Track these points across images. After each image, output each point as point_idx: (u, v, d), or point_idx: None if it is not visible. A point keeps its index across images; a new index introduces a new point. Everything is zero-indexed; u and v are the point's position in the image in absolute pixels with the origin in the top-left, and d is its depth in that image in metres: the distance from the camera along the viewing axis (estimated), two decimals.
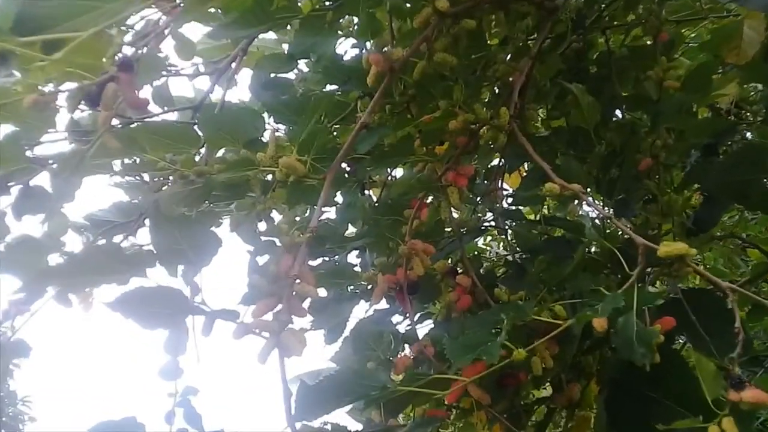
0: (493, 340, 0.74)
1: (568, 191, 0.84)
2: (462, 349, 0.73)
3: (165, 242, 0.74)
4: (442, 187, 1.06)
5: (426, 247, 1.06)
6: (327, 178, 0.82)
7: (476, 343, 0.74)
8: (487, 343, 0.72)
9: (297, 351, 0.72)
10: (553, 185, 0.85)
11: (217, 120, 1.05)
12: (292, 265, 0.77)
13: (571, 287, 0.90)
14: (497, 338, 0.73)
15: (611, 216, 0.86)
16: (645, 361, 0.71)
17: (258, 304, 0.75)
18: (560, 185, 0.85)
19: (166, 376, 1.11)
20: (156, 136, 1.03)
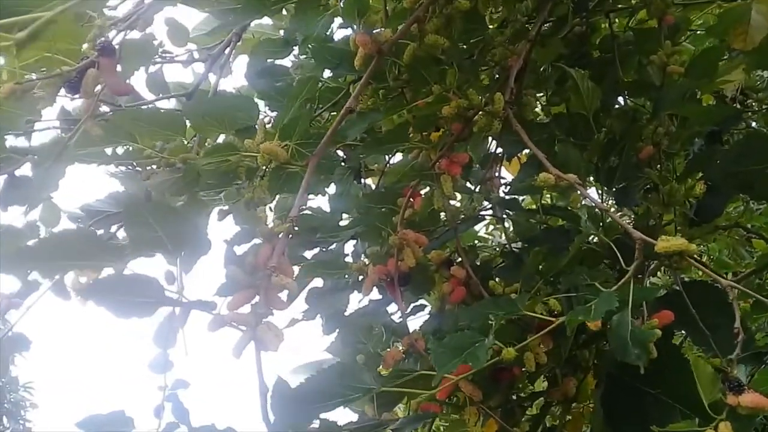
0: (480, 341, 0.70)
1: (563, 181, 0.80)
2: (448, 354, 0.69)
3: (139, 230, 0.71)
4: (435, 175, 1.03)
5: (418, 237, 1.03)
6: (309, 164, 0.79)
7: (463, 345, 0.70)
8: (474, 345, 0.69)
9: (273, 345, 0.69)
10: (548, 175, 0.81)
11: (202, 107, 1.01)
12: (270, 255, 0.73)
13: (566, 281, 0.86)
14: (485, 339, 0.69)
15: (607, 209, 0.82)
16: (639, 363, 0.67)
17: (234, 296, 0.72)
18: (555, 175, 0.81)
19: (156, 369, 1.09)
20: (141, 124, 1.01)
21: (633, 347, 0.68)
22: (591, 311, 0.67)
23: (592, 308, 0.68)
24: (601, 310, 0.67)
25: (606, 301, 0.69)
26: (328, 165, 0.87)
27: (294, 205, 0.75)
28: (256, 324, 0.70)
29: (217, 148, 0.83)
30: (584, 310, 0.69)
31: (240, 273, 0.73)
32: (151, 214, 0.70)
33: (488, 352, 0.66)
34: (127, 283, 0.73)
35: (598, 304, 0.69)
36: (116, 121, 1.01)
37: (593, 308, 0.68)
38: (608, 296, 0.70)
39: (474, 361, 0.66)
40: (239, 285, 0.72)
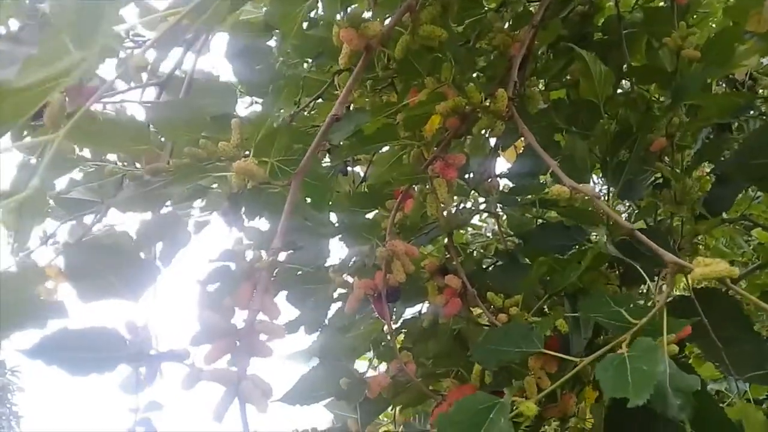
0: (496, 405, 0.59)
1: (579, 194, 0.70)
2: None
3: (84, 274, 0.59)
4: (429, 178, 0.92)
5: (408, 248, 0.92)
6: (293, 183, 0.67)
7: (476, 416, 0.58)
8: (490, 414, 0.58)
9: (260, 405, 0.59)
10: (563, 188, 0.71)
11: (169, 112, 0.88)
12: (251, 295, 0.63)
13: (586, 307, 0.76)
14: (498, 418, 0.58)
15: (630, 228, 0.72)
16: (682, 417, 0.58)
17: (211, 348, 0.61)
18: (570, 187, 0.71)
19: (127, 389, 0.98)
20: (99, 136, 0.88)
21: (674, 397, 0.58)
22: (628, 381, 0.56)
23: (629, 375, 0.57)
24: (646, 380, 0.55)
25: (649, 358, 0.57)
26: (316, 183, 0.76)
27: (277, 233, 0.64)
28: (238, 380, 0.60)
29: (184, 172, 0.71)
30: (619, 379, 0.57)
31: (216, 318, 0.62)
32: (97, 259, 0.58)
33: (510, 427, 0.55)
34: (80, 338, 0.61)
35: (637, 364, 0.57)
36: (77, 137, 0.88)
37: (630, 373, 0.57)
38: (651, 349, 0.58)
39: None
40: (216, 333, 0.62)
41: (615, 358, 0.60)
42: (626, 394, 0.55)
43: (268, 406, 0.59)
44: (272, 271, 0.64)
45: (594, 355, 0.65)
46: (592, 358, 0.64)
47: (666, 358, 0.61)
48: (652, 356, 0.58)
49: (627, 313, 0.69)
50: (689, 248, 1.14)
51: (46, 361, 0.62)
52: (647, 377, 0.55)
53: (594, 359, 0.65)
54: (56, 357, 0.62)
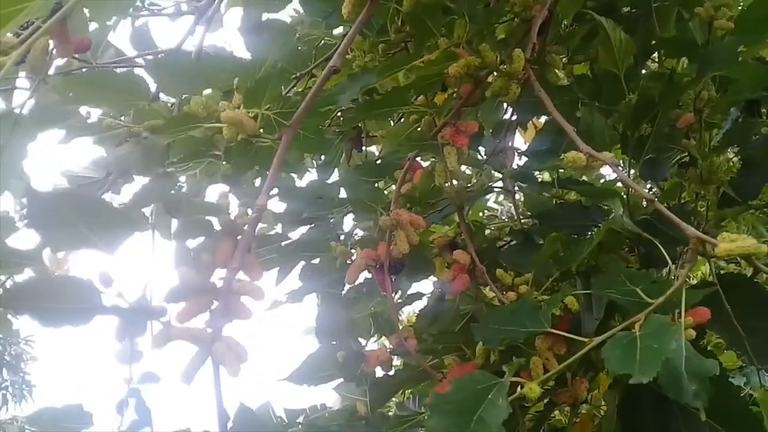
0: (495, 385, 0.54)
1: (596, 162, 0.64)
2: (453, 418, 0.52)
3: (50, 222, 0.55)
4: (438, 145, 0.87)
5: (414, 218, 0.87)
6: (283, 137, 0.63)
7: (465, 408, 0.53)
8: (488, 394, 0.52)
9: (233, 368, 0.55)
10: (578, 155, 0.65)
11: (171, 64, 0.84)
12: (231, 252, 0.58)
13: (600, 284, 0.71)
14: (497, 398, 0.53)
15: (651, 198, 0.66)
16: (697, 404, 0.52)
17: (185, 305, 0.57)
18: (587, 154, 0.65)
19: (122, 359, 0.96)
20: (95, 89, 0.84)
21: (689, 382, 0.53)
22: (635, 359, 0.51)
23: (637, 352, 0.51)
24: (654, 357, 0.50)
25: (661, 335, 0.52)
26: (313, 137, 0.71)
27: (263, 190, 0.60)
28: (212, 340, 0.56)
29: (176, 121, 0.67)
30: (625, 356, 0.52)
31: (193, 275, 0.58)
32: (65, 206, 0.54)
33: (506, 409, 0.50)
34: (54, 288, 0.58)
35: (647, 342, 0.52)
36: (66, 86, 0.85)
37: (639, 351, 0.51)
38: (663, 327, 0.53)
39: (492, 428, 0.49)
40: (192, 290, 0.58)
41: (625, 337, 0.55)
42: (631, 371, 0.50)
43: (240, 370, 0.55)
44: (255, 228, 0.59)
45: (605, 335, 0.59)
46: (603, 338, 0.59)
47: (682, 339, 0.55)
48: (663, 334, 0.53)
49: (643, 292, 0.63)
50: (714, 233, 1.06)
51: (16, 310, 0.59)
52: (655, 354, 0.50)
53: (605, 339, 0.59)
54: (27, 306, 0.58)
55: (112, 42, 1.05)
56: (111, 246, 0.58)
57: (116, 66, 1.05)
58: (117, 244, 0.59)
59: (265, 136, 0.63)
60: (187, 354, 0.58)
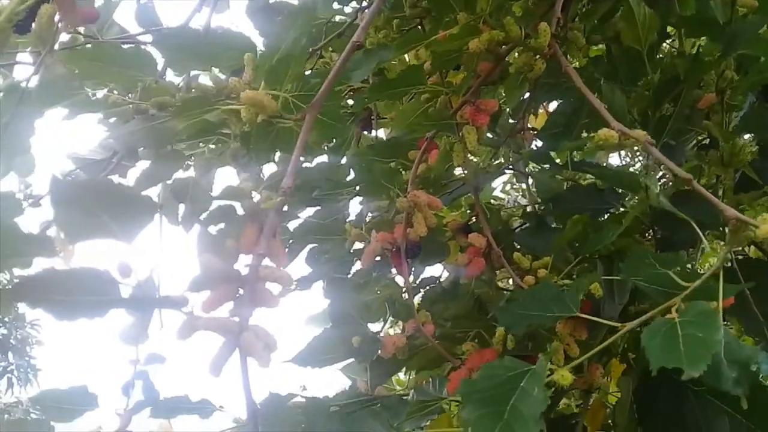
0: (528, 372, 0.51)
1: (629, 140, 0.62)
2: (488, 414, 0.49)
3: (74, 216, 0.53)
4: (456, 125, 0.84)
5: (431, 200, 0.85)
6: (306, 117, 0.60)
7: (496, 397, 0.50)
8: (521, 381, 0.50)
9: (263, 358, 0.53)
10: (610, 133, 0.63)
11: (180, 38, 0.81)
12: (257, 238, 0.56)
13: (628, 269, 0.68)
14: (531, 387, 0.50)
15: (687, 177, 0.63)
16: (738, 392, 0.51)
17: (210, 294, 0.55)
18: (619, 131, 0.63)
19: (128, 340, 0.93)
20: (100, 64, 0.81)
21: (729, 370, 0.51)
22: (680, 349, 0.48)
23: (680, 342, 0.49)
24: (701, 348, 0.47)
25: (704, 324, 0.50)
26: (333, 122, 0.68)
27: (287, 172, 0.57)
28: (239, 331, 0.54)
29: (188, 104, 0.64)
30: (669, 346, 0.49)
31: (217, 262, 0.55)
32: (88, 195, 0.51)
33: (544, 400, 0.47)
34: (69, 279, 0.55)
35: (690, 330, 0.50)
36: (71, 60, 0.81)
37: (682, 341, 0.49)
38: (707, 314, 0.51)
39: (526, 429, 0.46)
40: (216, 278, 0.55)
41: (664, 323, 0.53)
42: (678, 363, 0.48)
43: (271, 360, 0.53)
44: (281, 212, 0.57)
45: (639, 319, 0.57)
46: (637, 323, 0.57)
47: (721, 326, 0.54)
48: (708, 322, 0.51)
49: (677, 276, 0.61)
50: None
51: (30, 303, 0.56)
52: (704, 345, 0.48)
53: (639, 325, 0.57)
54: (42, 299, 0.56)
55: (116, 21, 1.01)
56: (130, 234, 0.56)
57: (122, 42, 1.01)
58: (136, 233, 0.56)
59: (287, 117, 0.61)
60: (213, 345, 0.56)
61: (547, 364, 0.50)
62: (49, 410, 0.91)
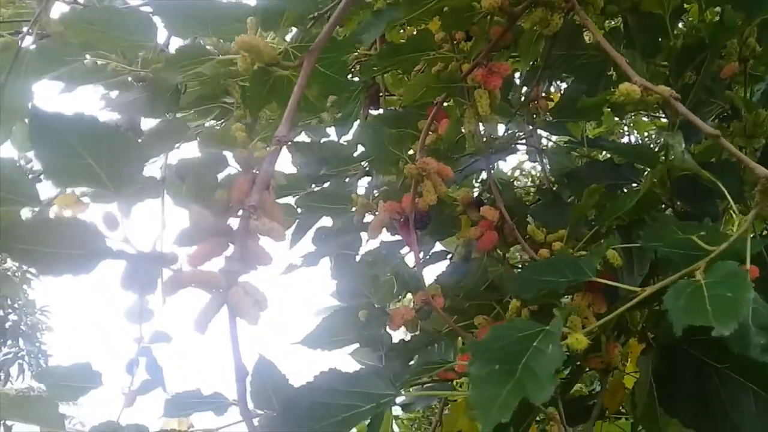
0: (541, 332, 0.47)
1: (653, 94, 0.58)
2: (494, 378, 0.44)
3: (57, 156, 0.49)
4: (467, 89, 0.80)
5: (441, 167, 0.81)
6: (304, 64, 0.56)
7: (508, 355, 0.46)
8: (534, 343, 0.45)
9: (251, 315, 0.49)
10: (632, 87, 0.58)
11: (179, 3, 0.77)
12: (249, 190, 0.52)
13: (648, 236, 0.64)
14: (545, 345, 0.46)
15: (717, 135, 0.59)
16: (766, 359, 0.46)
17: (197, 248, 0.51)
18: (641, 86, 0.58)
19: (131, 318, 0.91)
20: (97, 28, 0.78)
21: (758, 336, 0.47)
22: (706, 308, 0.44)
23: (707, 302, 0.45)
24: (731, 307, 0.43)
25: (733, 284, 0.45)
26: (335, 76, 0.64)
27: (282, 121, 0.53)
28: (227, 286, 0.50)
29: (185, 54, 0.60)
30: (694, 306, 0.45)
31: (207, 215, 0.52)
32: (71, 132, 0.48)
33: (559, 357, 0.43)
34: (52, 230, 0.52)
35: (717, 290, 0.46)
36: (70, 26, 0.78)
37: (709, 300, 0.45)
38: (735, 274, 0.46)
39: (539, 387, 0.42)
40: (205, 231, 0.52)
41: (688, 284, 0.49)
42: (705, 322, 0.43)
43: (260, 318, 0.49)
44: (274, 162, 0.53)
45: (661, 283, 0.53)
46: (659, 286, 0.53)
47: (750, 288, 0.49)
48: (736, 282, 0.47)
49: (700, 240, 0.56)
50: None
51: (10, 254, 0.54)
52: (733, 304, 0.44)
53: (660, 288, 0.53)
54: (22, 249, 0.53)
55: None
56: (118, 183, 0.52)
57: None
58: (126, 182, 0.53)
59: (285, 63, 0.57)
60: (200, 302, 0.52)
61: (561, 322, 0.46)
62: (53, 388, 0.89)
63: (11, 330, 6.79)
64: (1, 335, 6.73)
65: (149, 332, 0.90)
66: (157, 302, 0.91)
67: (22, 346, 6.91)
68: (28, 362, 6.83)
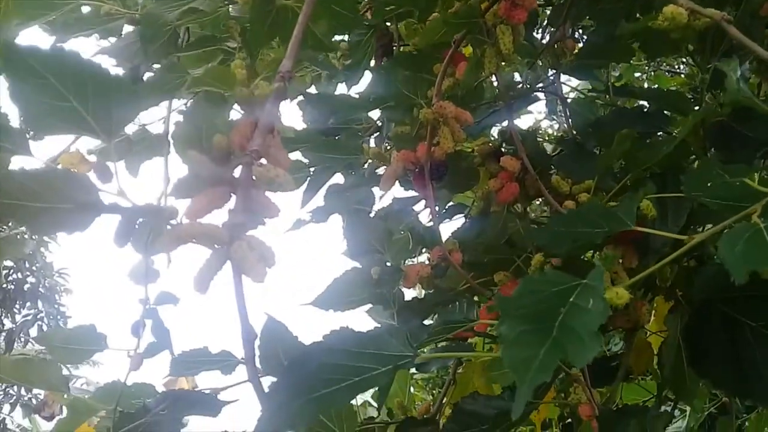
0: (577, 286, 0.41)
1: (701, 18, 0.51)
2: (528, 340, 0.38)
3: (36, 94, 0.44)
4: (489, 27, 0.73)
5: (459, 112, 0.75)
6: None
7: (542, 312, 0.40)
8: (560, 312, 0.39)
9: (256, 273, 0.45)
10: (678, 10, 0.52)
11: None
12: (251, 134, 0.47)
13: (690, 184, 0.58)
14: (586, 300, 0.40)
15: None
16: None
17: (196, 198, 0.46)
18: (688, 9, 0.52)
19: (137, 278, 0.87)
20: None
21: None
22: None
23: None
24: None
25: None
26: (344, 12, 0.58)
27: (286, 54, 0.48)
28: (230, 240, 0.45)
29: None
30: (755, 251, 0.40)
31: (205, 162, 0.47)
32: (52, 69, 0.42)
33: (603, 312, 0.38)
34: (45, 182, 0.47)
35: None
36: None
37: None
38: None
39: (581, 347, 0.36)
40: (204, 180, 0.47)
41: (746, 229, 0.44)
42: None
43: (266, 275, 0.45)
44: (279, 103, 0.48)
45: (710, 230, 0.48)
46: (707, 234, 0.48)
47: None
48: None
49: (752, 182, 0.51)
50: None
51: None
52: None
53: (708, 237, 0.48)
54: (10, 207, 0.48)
55: None
56: (108, 129, 0.47)
57: None
58: (118, 128, 0.48)
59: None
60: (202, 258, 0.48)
61: (602, 274, 0.41)
62: (55, 351, 0.87)
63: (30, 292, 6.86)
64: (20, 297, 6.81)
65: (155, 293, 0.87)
66: (162, 262, 0.88)
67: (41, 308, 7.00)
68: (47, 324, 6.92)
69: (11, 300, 6.66)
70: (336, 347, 0.44)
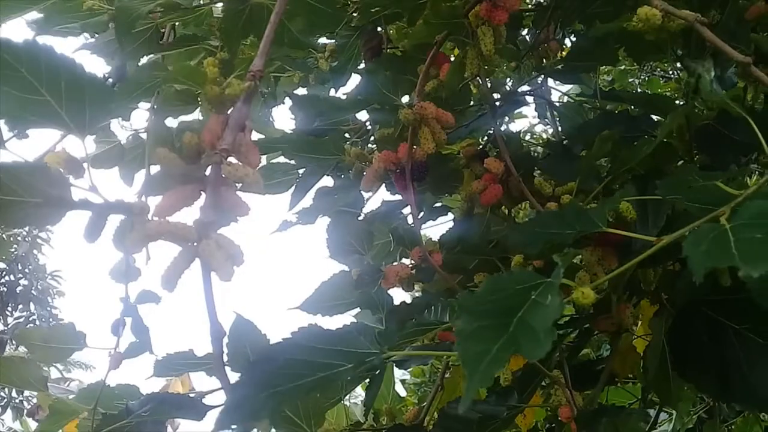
0: (540, 284, 0.41)
1: (675, 20, 0.51)
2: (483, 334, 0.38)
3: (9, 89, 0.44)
4: (471, 27, 0.73)
5: (440, 113, 0.75)
6: None
7: (503, 308, 0.40)
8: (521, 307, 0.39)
9: (224, 271, 0.45)
10: (652, 11, 0.52)
11: None
12: (221, 132, 0.47)
13: (665, 187, 0.58)
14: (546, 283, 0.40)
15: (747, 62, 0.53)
16: None
17: (165, 196, 0.46)
18: (663, 10, 0.52)
19: (117, 277, 0.87)
20: None
21: None
22: (732, 252, 0.38)
23: (732, 245, 0.39)
24: (761, 247, 0.37)
25: (764, 224, 0.40)
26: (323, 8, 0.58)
27: (258, 53, 0.48)
28: (198, 238, 0.45)
29: None
30: (718, 249, 0.39)
31: (174, 159, 0.46)
32: (25, 63, 0.42)
33: (558, 308, 0.38)
34: (13, 176, 0.47)
35: (745, 234, 0.40)
36: None
37: (735, 244, 0.39)
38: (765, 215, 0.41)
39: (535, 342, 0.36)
40: (174, 178, 0.47)
41: (711, 229, 0.43)
42: (731, 263, 0.38)
43: (234, 274, 0.44)
44: (250, 101, 0.48)
45: (679, 232, 0.48)
46: (676, 235, 0.47)
47: None
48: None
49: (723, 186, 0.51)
50: None
51: None
52: (763, 244, 0.38)
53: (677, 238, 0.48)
54: None
55: None
56: (82, 125, 0.47)
57: None
58: (92, 125, 0.47)
59: None
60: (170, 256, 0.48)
61: (561, 271, 0.41)
62: (34, 349, 0.86)
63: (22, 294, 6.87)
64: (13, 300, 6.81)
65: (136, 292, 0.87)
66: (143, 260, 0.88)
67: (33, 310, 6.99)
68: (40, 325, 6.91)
69: (3, 302, 6.67)
70: (303, 344, 0.44)
